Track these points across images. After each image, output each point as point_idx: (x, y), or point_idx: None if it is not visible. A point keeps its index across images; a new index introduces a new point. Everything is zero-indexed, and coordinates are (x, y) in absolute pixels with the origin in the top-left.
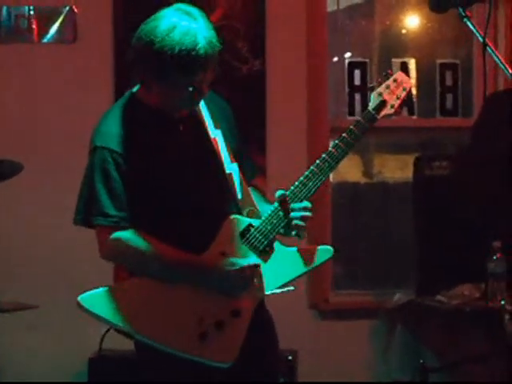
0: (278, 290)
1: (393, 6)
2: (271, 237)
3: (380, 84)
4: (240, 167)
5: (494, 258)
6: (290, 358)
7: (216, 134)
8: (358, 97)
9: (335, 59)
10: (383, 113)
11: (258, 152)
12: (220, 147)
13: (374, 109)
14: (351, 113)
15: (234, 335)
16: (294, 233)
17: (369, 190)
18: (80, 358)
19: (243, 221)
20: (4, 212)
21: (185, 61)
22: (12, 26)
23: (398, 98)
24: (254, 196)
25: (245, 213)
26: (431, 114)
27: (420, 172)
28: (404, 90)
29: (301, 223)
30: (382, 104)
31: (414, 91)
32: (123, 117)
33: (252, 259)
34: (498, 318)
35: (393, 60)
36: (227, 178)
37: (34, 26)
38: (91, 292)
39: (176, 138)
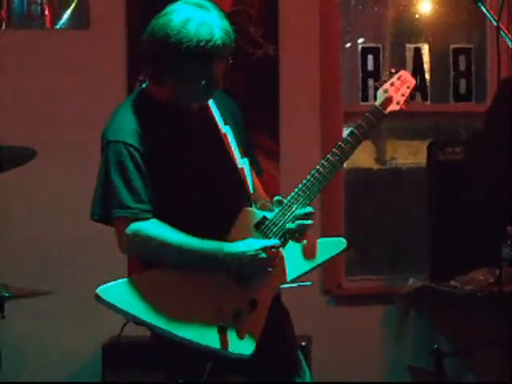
0: (295, 284)
1: None
2: (285, 229)
3: (385, 82)
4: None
5: (509, 242)
6: (303, 343)
7: (226, 130)
8: (371, 82)
9: (348, 45)
10: (389, 109)
11: (271, 138)
12: (231, 142)
13: (380, 104)
14: (364, 98)
15: (252, 326)
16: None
17: (381, 176)
18: (94, 344)
19: (257, 213)
20: (18, 198)
21: (202, 52)
22: (25, 11)
23: (402, 95)
24: None
25: (257, 206)
26: (445, 99)
27: (433, 157)
28: (408, 87)
29: (302, 229)
30: (388, 100)
31: (427, 77)
32: (134, 112)
33: (273, 241)
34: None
35: (406, 45)
36: (239, 173)
37: (46, 12)
38: (109, 284)
39: (187, 133)
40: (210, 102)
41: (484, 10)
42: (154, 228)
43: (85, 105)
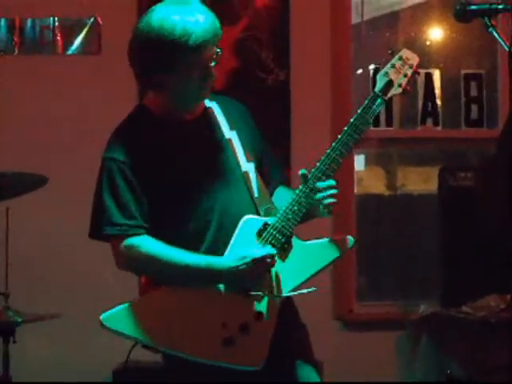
0: (301, 291)
1: (417, 17)
2: (288, 233)
3: (384, 64)
4: (266, 170)
5: None
6: None
7: (231, 135)
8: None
9: (359, 71)
10: (390, 93)
11: (283, 163)
12: (235, 147)
13: (380, 90)
14: (376, 124)
15: (260, 337)
16: (323, 211)
17: (392, 203)
18: (104, 369)
19: (258, 220)
20: (27, 223)
21: (189, 41)
22: (37, 37)
23: (405, 76)
24: (286, 192)
25: (262, 211)
26: (456, 125)
27: (445, 183)
28: (410, 67)
29: (329, 201)
30: (389, 84)
31: (438, 102)
32: (130, 127)
33: (265, 250)
34: None
35: None
36: (243, 177)
37: (58, 38)
38: (112, 310)
39: (185, 141)
40: (216, 107)
41: (495, 34)
42: (145, 244)
43: (96, 131)
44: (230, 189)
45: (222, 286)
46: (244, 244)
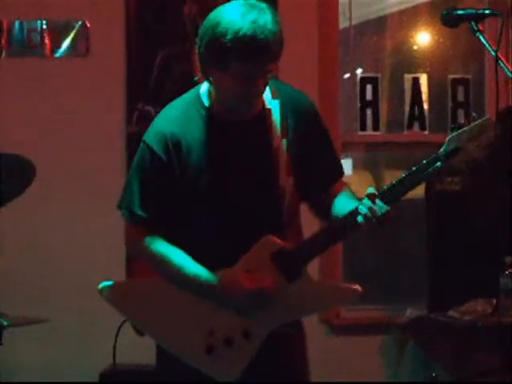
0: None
1: (404, 21)
2: (299, 265)
3: (462, 126)
4: (318, 170)
5: (506, 273)
6: None
7: (280, 144)
8: (369, 112)
9: (347, 75)
10: (453, 159)
11: None
12: (280, 158)
13: (444, 154)
14: (363, 128)
15: (240, 355)
16: (360, 219)
17: None
18: (91, 372)
19: (277, 242)
20: (15, 224)
21: (246, 46)
22: (24, 40)
23: (477, 147)
24: (345, 197)
25: (285, 234)
26: (443, 130)
27: (432, 187)
28: (487, 137)
29: (366, 217)
30: (456, 150)
31: (425, 107)
32: (180, 116)
33: (264, 285)
34: (510, 333)
35: (405, 75)
36: (278, 192)
37: (46, 41)
38: (112, 282)
39: (231, 143)
40: (275, 110)
41: (482, 40)
42: (156, 244)
43: (84, 132)
44: (261, 202)
45: None
46: (255, 263)
